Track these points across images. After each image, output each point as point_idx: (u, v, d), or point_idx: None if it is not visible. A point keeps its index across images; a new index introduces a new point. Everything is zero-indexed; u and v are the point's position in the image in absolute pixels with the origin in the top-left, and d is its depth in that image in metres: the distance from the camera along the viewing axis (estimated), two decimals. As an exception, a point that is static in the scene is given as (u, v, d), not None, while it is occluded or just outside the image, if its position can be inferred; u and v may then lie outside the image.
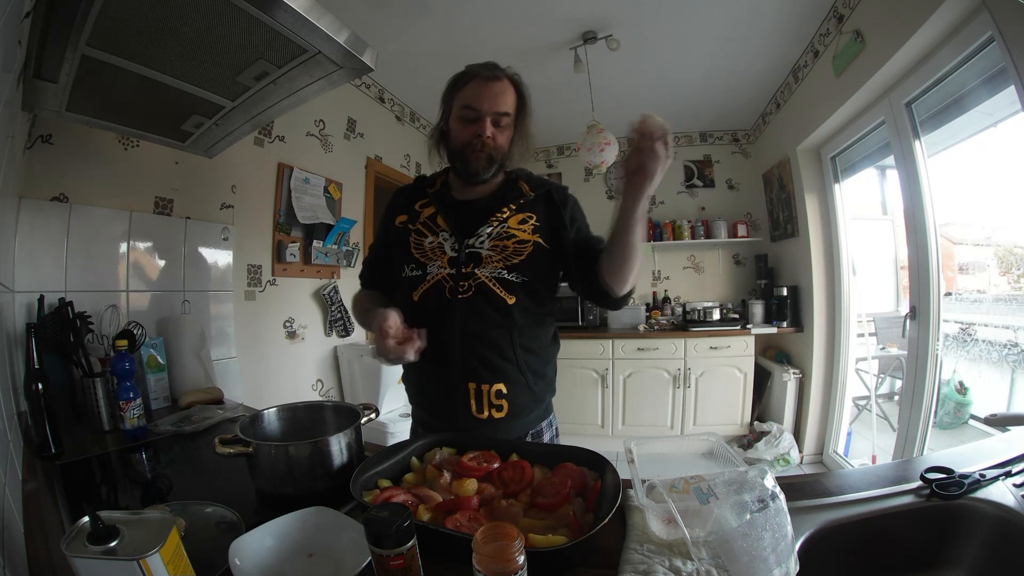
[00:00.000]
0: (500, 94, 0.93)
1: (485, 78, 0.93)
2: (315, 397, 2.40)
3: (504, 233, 0.95)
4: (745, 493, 0.53)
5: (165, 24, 0.86)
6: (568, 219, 1.00)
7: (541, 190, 1.01)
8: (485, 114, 0.92)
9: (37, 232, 1.33)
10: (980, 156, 1.87)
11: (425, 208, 1.02)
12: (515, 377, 0.95)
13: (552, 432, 1.07)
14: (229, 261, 1.94)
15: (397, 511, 0.47)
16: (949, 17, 1.55)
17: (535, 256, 0.95)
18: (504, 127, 0.95)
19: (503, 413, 0.94)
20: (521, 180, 1.02)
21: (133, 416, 1.14)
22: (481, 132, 0.93)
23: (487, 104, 0.92)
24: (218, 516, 0.68)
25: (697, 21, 2.25)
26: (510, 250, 0.94)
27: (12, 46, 0.76)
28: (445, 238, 0.96)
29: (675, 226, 3.70)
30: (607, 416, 3.27)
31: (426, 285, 0.95)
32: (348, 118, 2.68)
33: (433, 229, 0.98)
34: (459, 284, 0.92)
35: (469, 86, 0.94)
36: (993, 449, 0.79)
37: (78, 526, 0.42)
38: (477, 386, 0.93)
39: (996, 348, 2.21)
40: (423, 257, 0.96)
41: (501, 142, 0.95)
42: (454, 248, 0.95)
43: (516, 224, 0.96)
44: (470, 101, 0.93)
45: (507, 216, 0.97)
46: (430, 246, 0.97)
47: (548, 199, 1.01)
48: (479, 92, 0.93)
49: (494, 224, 0.95)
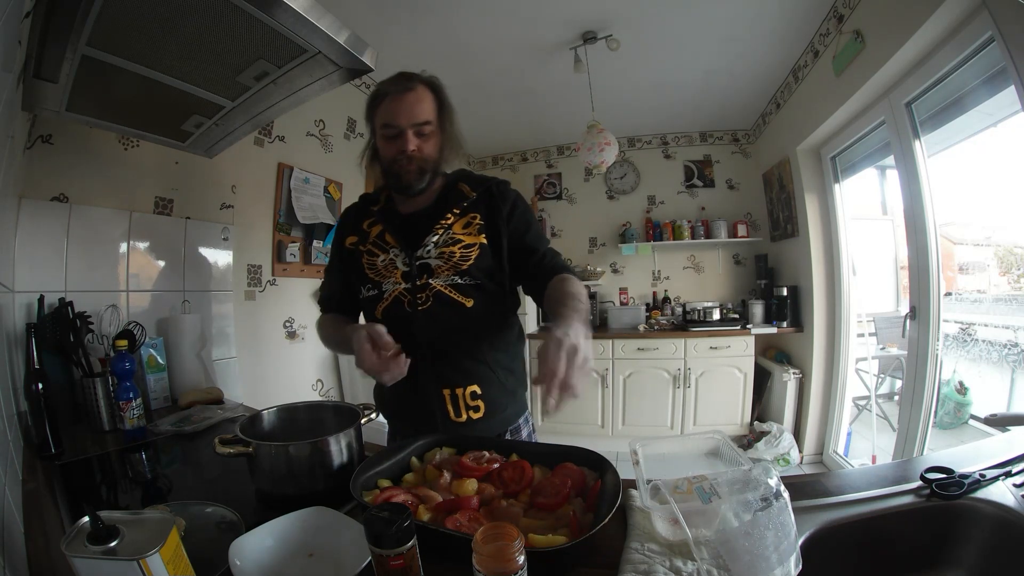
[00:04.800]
0: (415, 103, 0.92)
1: (397, 92, 0.92)
2: (315, 397, 2.40)
3: (449, 239, 0.95)
4: (749, 492, 0.53)
5: (165, 24, 0.86)
6: (505, 217, 0.98)
7: (482, 188, 1.00)
8: (405, 128, 0.92)
9: (37, 232, 1.33)
10: (980, 156, 1.87)
11: (373, 227, 1.02)
12: (487, 376, 0.96)
13: (529, 428, 1.09)
14: (229, 261, 1.94)
15: (397, 511, 0.47)
16: (949, 17, 1.55)
17: (483, 257, 0.95)
18: (428, 134, 0.94)
19: (480, 413, 0.96)
20: (461, 182, 1.01)
21: (133, 416, 1.14)
22: (404, 148, 0.92)
23: (404, 118, 0.91)
24: (218, 516, 0.68)
25: (697, 21, 2.25)
26: (457, 256, 0.94)
27: (12, 46, 0.76)
28: (396, 254, 0.96)
29: (675, 226, 3.70)
30: (607, 416, 3.27)
31: (385, 303, 0.96)
32: (348, 118, 2.68)
33: (383, 247, 0.98)
34: (416, 296, 0.94)
35: (383, 104, 0.93)
36: (993, 449, 0.79)
37: (78, 526, 0.42)
38: (452, 391, 0.95)
39: (996, 348, 2.21)
40: (377, 276, 0.97)
41: (428, 151, 0.95)
42: (405, 263, 0.95)
43: (461, 229, 0.96)
44: (387, 119, 0.93)
45: (451, 222, 0.96)
46: (383, 264, 0.97)
47: (489, 196, 1.00)
48: (393, 108, 0.92)
49: (439, 232, 0.95)
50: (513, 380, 1.02)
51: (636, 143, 3.88)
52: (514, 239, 0.98)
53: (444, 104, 0.97)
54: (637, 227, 3.83)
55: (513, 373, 1.02)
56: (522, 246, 0.98)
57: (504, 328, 1.02)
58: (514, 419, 1.04)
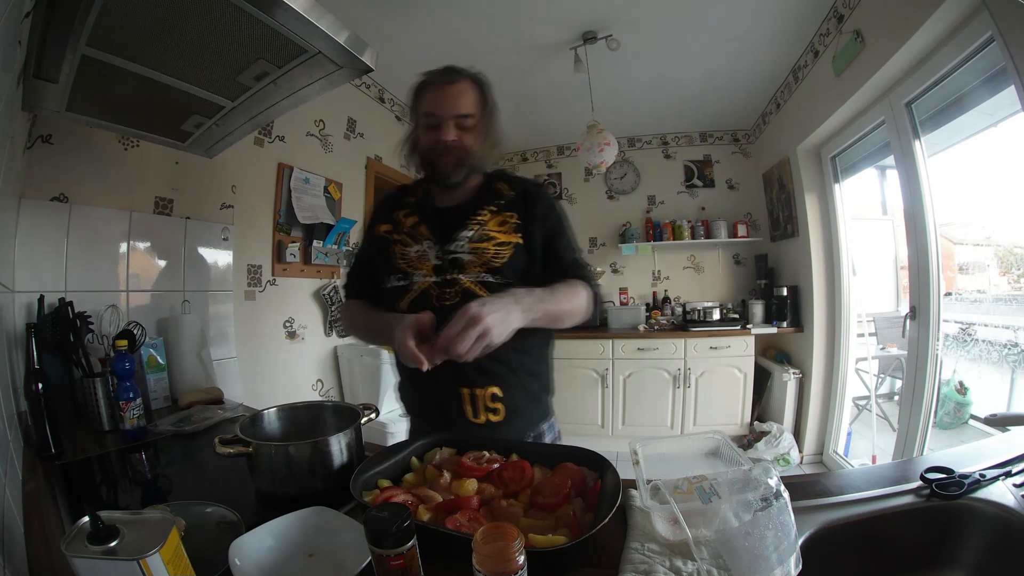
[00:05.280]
0: (459, 96, 0.93)
1: (441, 83, 0.93)
2: (315, 397, 2.40)
3: (483, 236, 0.94)
4: (749, 492, 0.53)
5: (165, 24, 0.86)
6: (540, 219, 0.97)
7: (519, 189, 1.00)
8: (446, 118, 0.92)
9: (37, 232, 1.33)
10: (980, 156, 1.87)
11: (408, 217, 1.01)
12: (509, 379, 0.94)
13: (553, 435, 1.06)
14: (229, 261, 1.94)
15: (397, 511, 0.47)
16: (949, 17, 1.55)
17: (517, 257, 0.94)
18: (469, 128, 0.94)
19: (500, 417, 0.93)
20: (499, 181, 1.01)
21: (133, 416, 1.14)
22: (443, 137, 0.92)
23: (446, 108, 0.92)
24: (218, 516, 0.68)
25: (697, 21, 2.25)
26: (490, 253, 0.93)
27: (12, 46, 0.76)
28: (429, 246, 0.96)
29: (675, 226, 3.70)
30: (607, 416, 3.27)
31: (412, 295, 0.95)
32: (348, 118, 2.68)
33: (416, 238, 0.98)
34: (444, 291, 0.92)
35: (427, 93, 0.94)
36: (993, 449, 0.79)
37: (78, 526, 0.42)
38: (471, 391, 0.93)
39: (996, 348, 2.21)
40: (408, 267, 0.96)
41: (468, 143, 0.94)
42: (438, 256, 0.94)
43: (496, 226, 0.95)
44: (430, 108, 0.93)
45: (487, 219, 0.96)
46: (415, 255, 0.96)
47: (526, 197, 1.00)
48: (437, 97, 0.93)
49: (473, 228, 0.95)
50: (537, 385, 1.00)
51: (636, 143, 3.88)
52: (545, 242, 0.97)
53: (488, 101, 0.98)
54: (637, 227, 3.83)
55: (538, 378, 1.00)
56: (551, 251, 0.97)
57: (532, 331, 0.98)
58: (536, 425, 1.01)
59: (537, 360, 1.00)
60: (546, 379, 1.03)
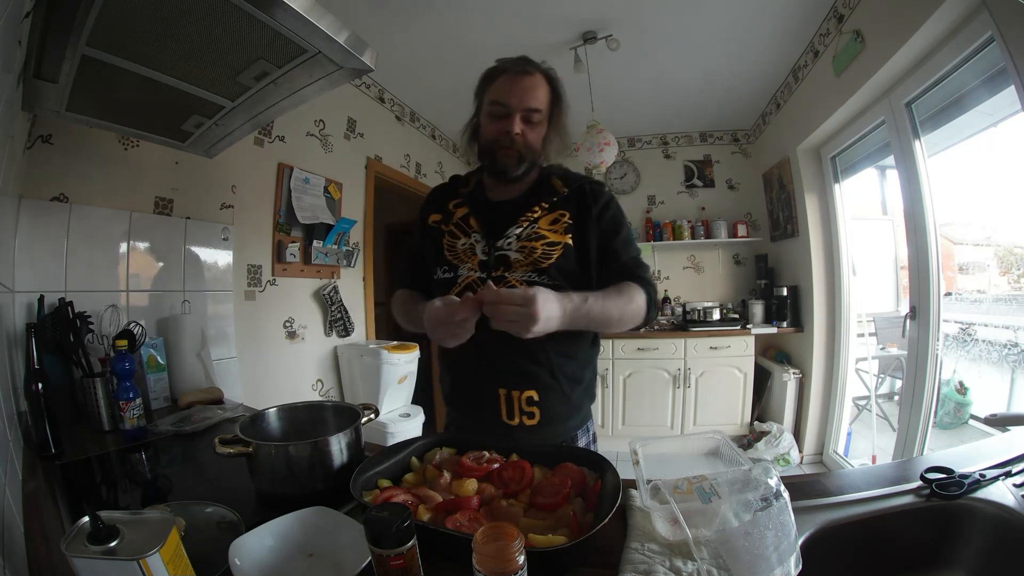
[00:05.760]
0: (531, 89, 0.89)
1: (515, 72, 0.90)
2: (315, 397, 2.40)
3: (533, 234, 0.90)
4: (749, 492, 0.53)
5: (165, 24, 0.86)
6: (595, 217, 0.93)
7: (575, 186, 0.95)
8: (514, 110, 0.89)
9: (37, 232, 1.33)
10: (980, 156, 1.87)
11: (459, 208, 0.99)
12: (548, 383, 0.91)
13: (588, 438, 1.02)
14: (229, 261, 1.94)
15: (397, 511, 0.47)
16: (949, 17, 1.55)
17: (566, 258, 0.90)
18: (536, 123, 0.91)
19: (535, 420, 0.90)
20: (555, 177, 0.97)
21: (133, 416, 1.14)
22: (510, 129, 0.89)
23: (516, 100, 0.89)
24: (218, 516, 0.68)
25: (697, 21, 2.24)
26: (539, 252, 0.89)
27: (12, 46, 0.76)
28: (477, 239, 0.93)
29: (675, 226, 3.70)
30: (607, 416, 3.27)
31: (458, 288, 0.92)
32: (348, 118, 2.67)
33: (465, 230, 0.95)
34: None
35: (498, 81, 0.91)
36: (993, 449, 0.79)
37: (78, 526, 0.42)
38: (508, 392, 0.90)
39: (996, 348, 2.21)
40: (455, 259, 0.94)
41: (532, 139, 0.92)
42: (484, 251, 0.91)
43: (547, 224, 0.91)
44: (499, 96, 0.90)
45: (538, 216, 0.92)
46: (462, 247, 0.94)
47: (581, 196, 0.95)
48: (508, 87, 0.89)
49: (524, 225, 0.91)
50: (579, 391, 0.96)
51: (636, 143, 3.88)
52: (601, 242, 0.92)
53: (559, 99, 0.94)
54: (637, 227, 3.83)
55: (580, 383, 0.96)
56: (608, 250, 0.93)
57: (577, 335, 0.94)
58: (571, 431, 0.98)
59: (581, 366, 0.97)
60: (588, 384, 0.99)
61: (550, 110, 0.94)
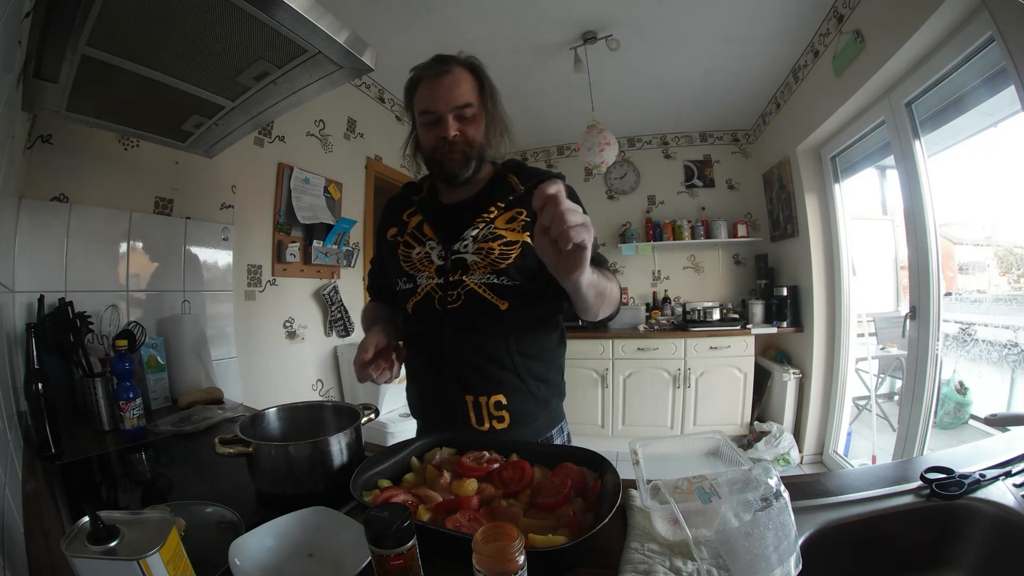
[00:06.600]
0: (453, 87, 0.87)
1: (433, 75, 0.87)
2: (315, 397, 2.40)
3: (490, 235, 0.88)
4: (749, 492, 0.53)
5: (165, 24, 0.86)
6: None
7: (531, 183, 0.91)
8: (444, 113, 0.87)
9: (37, 232, 1.33)
10: (980, 156, 1.87)
11: (412, 217, 0.97)
12: (515, 385, 0.91)
13: (563, 439, 1.02)
14: (229, 261, 1.94)
15: (397, 511, 0.47)
16: (949, 17, 1.55)
17: (524, 256, 0.87)
18: (471, 118, 0.89)
19: (505, 424, 0.90)
20: (510, 174, 0.94)
21: (133, 416, 1.14)
22: (445, 134, 0.87)
23: (443, 103, 0.87)
24: (218, 516, 0.68)
25: (697, 21, 2.25)
26: (496, 253, 0.87)
27: (12, 46, 0.76)
28: (432, 247, 0.92)
29: (675, 226, 3.70)
30: (607, 416, 3.27)
31: (417, 297, 0.92)
32: (348, 118, 2.68)
33: (420, 239, 0.94)
34: (448, 294, 0.88)
35: (420, 89, 0.89)
36: (993, 449, 0.79)
37: (78, 526, 0.42)
38: (475, 398, 0.90)
39: (996, 348, 2.21)
40: (412, 269, 0.93)
41: (472, 135, 0.89)
42: (441, 256, 0.90)
43: (504, 224, 0.89)
44: (426, 105, 0.88)
45: (494, 216, 0.90)
46: (418, 257, 0.93)
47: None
48: (431, 93, 0.87)
49: (480, 226, 0.89)
50: (547, 390, 0.95)
51: (636, 143, 3.88)
52: None
53: (485, 84, 0.92)
54: (637, 227, 3.83)
55: (547, 383, 0.95)
56: None
57: (541, 334, 0.94)
58: (545, 431, 0.97)
59: (548, 365, 0.96)
60: (556, 383, 0.99)
61: (480, 99, 0.91)
